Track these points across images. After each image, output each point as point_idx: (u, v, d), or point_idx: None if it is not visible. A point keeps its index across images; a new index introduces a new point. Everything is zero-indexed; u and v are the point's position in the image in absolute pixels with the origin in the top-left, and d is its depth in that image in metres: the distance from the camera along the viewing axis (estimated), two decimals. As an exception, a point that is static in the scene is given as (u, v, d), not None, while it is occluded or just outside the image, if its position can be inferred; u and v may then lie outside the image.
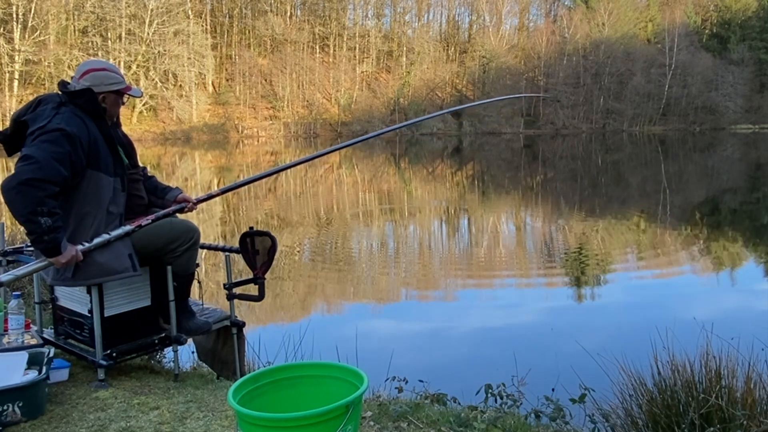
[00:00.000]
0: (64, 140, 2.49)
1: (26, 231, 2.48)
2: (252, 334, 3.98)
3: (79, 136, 2.54)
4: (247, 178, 3.37)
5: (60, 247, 2.49)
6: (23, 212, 2.39)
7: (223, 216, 14.08)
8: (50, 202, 2.43)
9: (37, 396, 2.38)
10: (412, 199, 17.18)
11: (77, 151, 2.53)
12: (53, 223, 2.44)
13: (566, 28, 60.06)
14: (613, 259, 9.05)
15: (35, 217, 2.39)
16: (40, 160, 2.42)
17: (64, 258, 2.52)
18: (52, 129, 2.50)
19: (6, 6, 41.33)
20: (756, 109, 59.96)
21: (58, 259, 2.51)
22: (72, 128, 2.53)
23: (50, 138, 2.48)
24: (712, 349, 2.63)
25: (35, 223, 2.41)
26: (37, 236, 2.44)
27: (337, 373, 2.00)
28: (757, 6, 63.32)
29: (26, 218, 2.40)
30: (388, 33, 60.48)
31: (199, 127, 48.00)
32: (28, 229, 2.45)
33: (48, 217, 2.42)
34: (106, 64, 2.89)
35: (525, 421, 2.69)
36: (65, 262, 2.53)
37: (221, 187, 3.26)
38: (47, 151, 2.44)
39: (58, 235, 2.47)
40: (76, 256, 2.56)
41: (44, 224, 2.41)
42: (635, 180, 21.95)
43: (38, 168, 2.40)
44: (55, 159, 2.44)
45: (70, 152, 2.49)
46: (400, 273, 8.72)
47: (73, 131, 2.53)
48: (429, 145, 43.57)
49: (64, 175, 2.47)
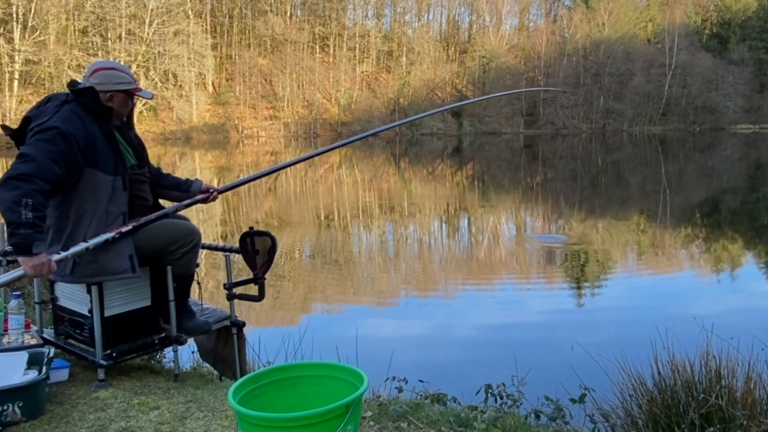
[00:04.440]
0: (58, 138, 2.49)
1: (5, 221, 2.37)
2: (252, 334, 3.98)
3: (74, 134, 2.54)
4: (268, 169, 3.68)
5: (32, 247, 2.36)
6: (7, 200, 2.33)
7: (223, 216, 14.08)
8: (38, 197, 2.36)
9: (37, 396, 2.38)
10: (412, 199, 17.17)
11: (72, 149, 2.53)
12: (33, 219, 2.34)
13: (566, 28, 60.04)
14: (613, 259, 9.05)
15: (17, 207, 2.32)
16: (36, 158, 2.42)
17: (32, 262, 2.37)
18: (48, 127, 2.51)
19: (6, 6, 41.29)
20: (756, 109, 59.91)
21: (26, 261, 2.37)
22: (67, 126, 2.53)
23: (45, 137, 2.49)
24: (712, 349, 2.63)
25: (15, 213, 2.32)
26: (14, 227, 2.33)
27: (337, 373, 1.99)
28: (757, 6, 63.29)
29: (8, 207, 2.33)
30: (388, 33, 60.45)
31: (199, 127, 47.98)
32: (7, 219, 2.35)
33: (31, 212, 2.33)
34: (115, 65, 2.91)
35: (525, 421, 2.69)
36: (32, 266, 2.37)
37: (243, 177, 3.41)
38: (43, 149, 2.45)
39: (34, 234, 2.35)
40: (48, 264, 2.42)
41: (24, 216, 2.32)
42: (635, 180, 21.94)
43: (33, 165, 2.40)
44: (50, 158, 2.44)
45: (65, 151, 2.49)
46: (400, 273, 8.72)
47: (68, 129, 2.53)
48: (429, 145, 43.55)
49: (58, 173, 2.45)
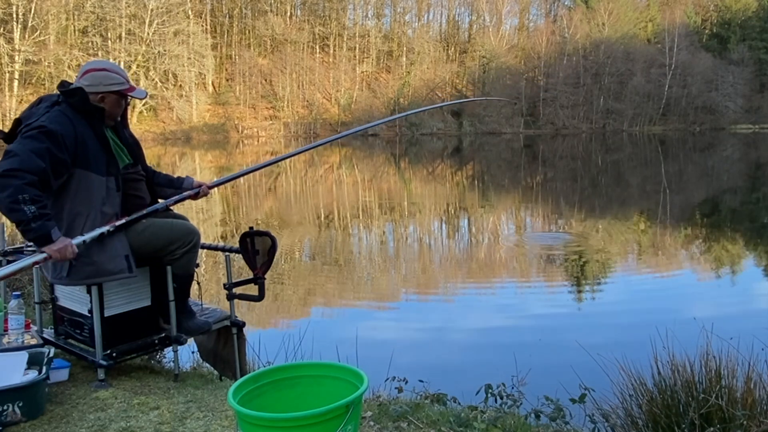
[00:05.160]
0: (43, 136, 2.50)
1: (15, 222, 2.43)
2: (252, 334, 3.98)
3: (62, 134, 2.55)
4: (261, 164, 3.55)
5: (51, 235, 2.44)
6: (6, 202, 2.37)
7: (223, 216, 14.08)
8: (30, 190, 2.40)
9: (37, 396, 2.38)
10: (412, 199, 17.17)
11: (59, 147, 2.53)
12: (38, 210, 2.40)
13: (566, 28, 60.03)
14: (613, 259, 9.05)
15: (18, 206, 2.37)
16: (19, 153, 2.43)
17: (55, 246, 2.45)
18: (35, 127, 2.53)
19: (6, 6, 41.28)
20: (756, 109, 59.92)
21: (51, 248, 2.45)
22: (54, 126, 2.54)
23: (31, 135, 2.51)
24: (712, 349, 2.63)
25: (20, 212, 2.37)
26: (25, 225, 2.40)
27: (337, 373, 1.99)
28: (757, 6, 63.29)
29: (10, 207, 2.38)
30: (388, 33, 60.44)
31: (199, 127, 47.98)
32: (14, 219, 2.41)
33: (32, 205, 2.38)
34: (107, 65, 2.89)
35: (525, 421, 2.69)
36: (57, 249, 2.46)
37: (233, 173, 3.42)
38: (26, 146, 2.47)
39: (47, 223, 2.43)
40: (71, 246, 2.50)
41: (29, 212, 2.38)
42: (635, 180, 21.94)
43: (15, 160, 2.41)
44: (33, 152, 2.45)
45: (49, 148, 2.50)
46: (400, 273, 8.72)
47: (56, 129, 2.54)
48: (429, 145, 43.55)
49: (41, 166, 2.46)
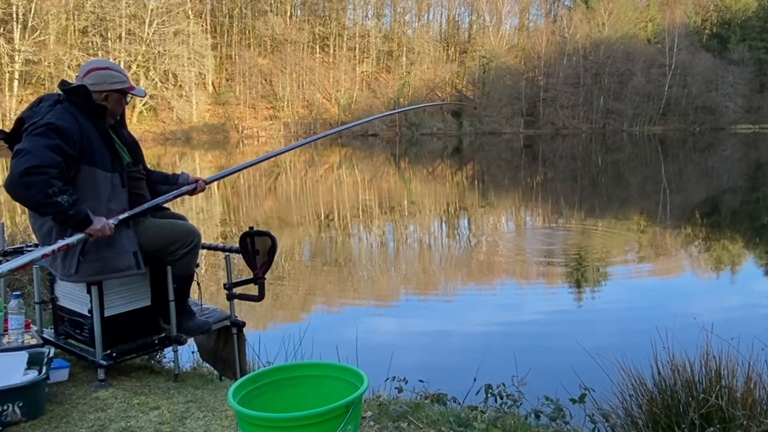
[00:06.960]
0: (52, 133, 2.52)
1: (51, 216, 2.49)
2: (252, 334, 3.97)
3: (69, 130, 2.57)
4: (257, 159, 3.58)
5: (89, 216, 2.52)
6: (37, 199, 2.42)
7: (223, 216, 14.08)
8: (56, 182, 2.44)
9: (37, 396, 2.38)
10: (412, 199, 17.17)
11: (68, 143, 2.55)
12: (70, 198, 2.46)
13: (566, 28, 60.02)
14: (613, 259, 9.05)
15: (50, 199, 2.42)
16: (32, 150, 2.45)
17: (96, 226, 2.53)
18: (42, 124, 2.54)
19: (6, 6, 41.28)
20: (756, 109, 59.93)
21: (93, 228, 2.53)
22: (61, 122, 2.56)
23: (40, 132, 2.52)
24: (712, 349, 2.63)
25: (54, 204, 2.43)
26: (63, 215, 2.46)
27: (337, 373, 1.99)
28: (757, 6, 63.29)
29: (42, 203, 2.43)
30: (388, 33, 60.42)
31: (199, 127, 47.97)
32: (49, 212, 2.47)
33: (64, 195, 2.44)
34: (109, 64, 2.92)
35: (525, 421, 2.69)
36: (98, 229, 2.54)
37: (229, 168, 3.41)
38: (39, 142, 2.48)
39: (81, 206, 2.50)
40: (108, 225, 2.58)
41: (63, 202, 2.44)
42: (635, 180, 21.94)
43: (32, 157, 2.43)
44: (47, 148, 2.47)
45: (59, 143, 2.52)
46: (400, 273, 8.72)
47: (63, 125, 2.56)
48: (429, 145, 43.56)
49: (58, 160, 2.49)
